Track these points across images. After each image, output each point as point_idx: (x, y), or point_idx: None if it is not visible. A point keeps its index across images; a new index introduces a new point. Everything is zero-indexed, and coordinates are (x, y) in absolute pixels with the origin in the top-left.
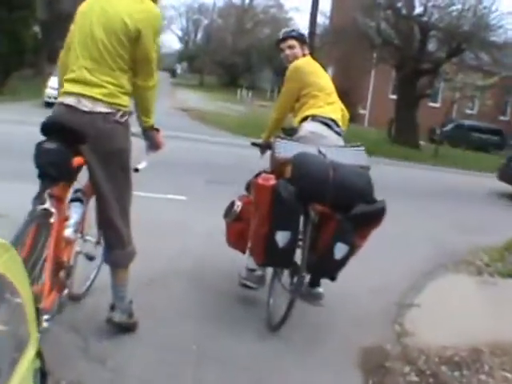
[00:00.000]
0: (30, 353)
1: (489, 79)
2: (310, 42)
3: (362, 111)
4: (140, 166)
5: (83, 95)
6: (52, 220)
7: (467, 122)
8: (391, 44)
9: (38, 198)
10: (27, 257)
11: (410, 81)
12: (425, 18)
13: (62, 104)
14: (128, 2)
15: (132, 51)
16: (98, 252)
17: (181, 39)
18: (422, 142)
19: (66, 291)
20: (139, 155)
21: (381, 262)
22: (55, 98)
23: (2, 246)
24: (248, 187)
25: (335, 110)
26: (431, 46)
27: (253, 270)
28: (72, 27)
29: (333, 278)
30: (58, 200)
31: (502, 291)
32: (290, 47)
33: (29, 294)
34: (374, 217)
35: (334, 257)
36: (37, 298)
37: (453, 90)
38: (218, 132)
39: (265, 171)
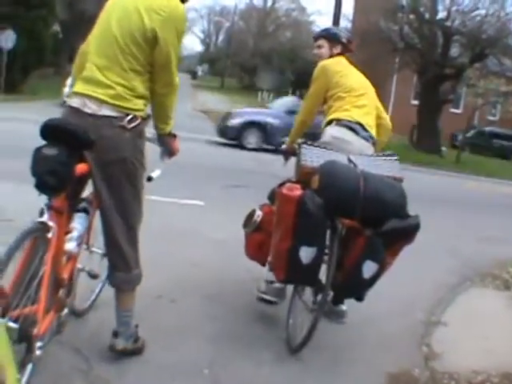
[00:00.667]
0: None
1: None
2: None
3: None
4: (154, 175)
5: (89, 96)
6: (50, 235)
7: (488, 129)
8: (414, 48)
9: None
10: (20, 275)
11: (432, 86)
12: (448, 23)
13: (67, 106)
14: None
15: (149, 53)
16: (104, 265)
17: (202, 41)
18: (443, 148)
19: (65, 311)
20: (153, 162)
21: (404, 275)
22: None
23: None
24: (271, 196)
25: (365, 113)
26: (454, 51)
27: (272, 282)
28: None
29: (360, 299)
30: (58, 212)
31: None
32: (319, 47)
33: (3, 336)
34: (407, 233)
35: (363, 276)
36: (30, 322)
37: (475, 95)
38: None
39: (289, 180)
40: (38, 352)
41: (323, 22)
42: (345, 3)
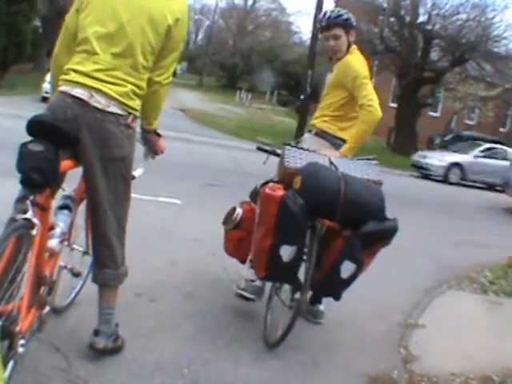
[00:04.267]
0: None
1: (492, 90)
2: (312, 47)
3: None
4: (137, 174)
5: (97, 90)
6: (34, 232)
7: (466, 133)
8: (394, 51)
9: (21, 203)
10: (3, 272)
11: (411, 89)
12: (428, 27)
13: (67, 94)
14: None
15: (163, 44)
16: (85, 262)
17: None
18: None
19: (47, 308)
20: (136, 162)
21: (381, 278)
22: None
23: None
24: (253, 195)
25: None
26: (434, 54)
27: (252, 281)
28: (78, 16)
29: (337, 298)
30: (42, 209)
31: (509, 312)
32: (335, 37)
33: None
34: (385, 236)
35: (340, 275)
36: (13, 320)
37: (454, 99)
38: (216, 134)
39: (272, 180)
40: (20, 349)
41: (303, 22)
42: (326, 5)
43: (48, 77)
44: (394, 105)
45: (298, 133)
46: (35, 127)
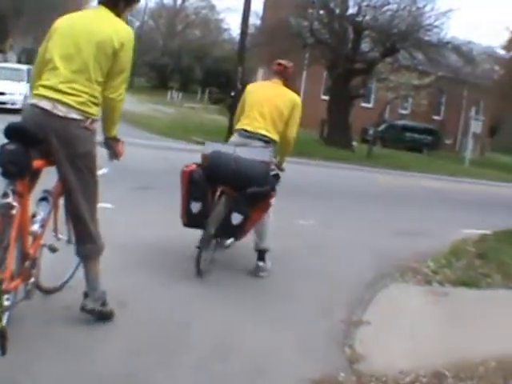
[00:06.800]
0: None
1: (424, 79)
2: (242, 43)
3: None
4: (100, 172)
5: (58, 101)
6: (14, 212)
7: (400, 122)
8: (324, 44)
9: (5, 195)
10: None
11: (342, 81)
12: (359, 18)
13: (35, 106)
14: (110, 21)
15: (111, 65)
16: (71, 250)
17: None
18: (354, 143)
19: (32, 280)
20: (100, 162)
21: (320, 274)
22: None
23: None
24: None
25: (253, 119)
26: (365, 45)
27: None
28: (47, 43)
29: (235, 239)
30: (20, 195)
31: (455, 302)
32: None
33: None
34: (262, 196)
35: (232, 222)
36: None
37: (387, 89)
38: (147, 135)
39: (195, 163)
40: (5, 303)
41: (233, 19)
42: (254, 1)
43: None
44: (326, 97)
45: (230, 130)
46: (10, 132)
